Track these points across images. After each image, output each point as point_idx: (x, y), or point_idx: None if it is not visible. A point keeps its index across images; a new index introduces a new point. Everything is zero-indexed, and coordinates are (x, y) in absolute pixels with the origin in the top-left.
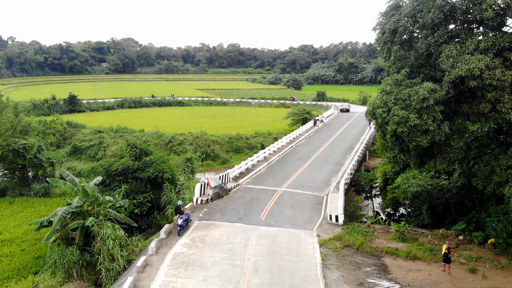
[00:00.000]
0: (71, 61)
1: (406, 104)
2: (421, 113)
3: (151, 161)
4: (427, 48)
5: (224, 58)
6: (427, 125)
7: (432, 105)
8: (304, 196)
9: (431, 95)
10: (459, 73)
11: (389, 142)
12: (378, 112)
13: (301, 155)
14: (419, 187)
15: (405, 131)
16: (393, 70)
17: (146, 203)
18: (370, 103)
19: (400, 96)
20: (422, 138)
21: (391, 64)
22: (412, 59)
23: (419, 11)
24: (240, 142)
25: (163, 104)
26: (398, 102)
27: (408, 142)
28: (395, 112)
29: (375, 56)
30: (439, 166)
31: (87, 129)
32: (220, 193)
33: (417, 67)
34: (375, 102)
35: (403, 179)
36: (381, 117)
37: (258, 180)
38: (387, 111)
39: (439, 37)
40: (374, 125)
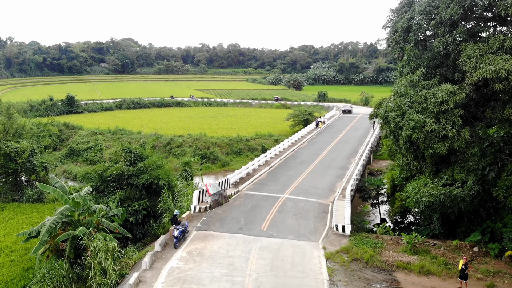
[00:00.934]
0: (70, 61)
1: (422, 108)
2: (438, 118)
3: (145, 166)
4: (445, 47)
5: (224, 58)
6: (446, 131)
7: (452, 108)
8: (308, 203)
9: (450, 98)
10: (483, 74)
11: (402, 148)
12: (391, 116)
13: (304, 158)
14: (432, 197)
15: (421, 137)
16: (407, 71)
17: (141, 211)
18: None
19: (416, 98)
20: (440, 145)
21: (404, 64)
22: (427, 59)
23: (435, 7)
24: (240, 144)
25: (162, 105)
26: (413, 105)
27: (424, 149)
28: (410, 116)
29: (376, 56)
30: (457, 175)
31: (84, 130)
32: (219, 200)
33: (432, 67)
34: (388, 105)
35: (414, 188)
36: (394, 121)
37: (259, 186)
38: (401, 114)
39: (458, 35)
40: (386, 130)
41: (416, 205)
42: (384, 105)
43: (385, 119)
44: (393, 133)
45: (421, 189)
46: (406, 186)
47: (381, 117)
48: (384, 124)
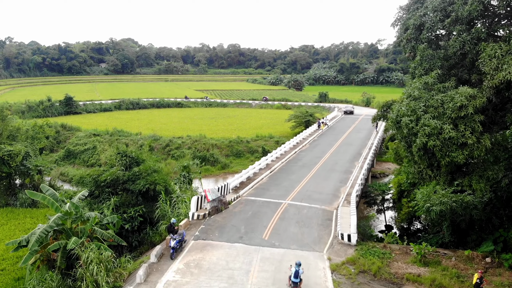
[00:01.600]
0: (69, 61)
1: (439, 113)
2: (456, 124)
3: (141, 171)
4: (461, 47)
5: (224, 59)
6: (465, 138)
7: (472, 114)
8: (311, 210)
9: (470, 103)
10: (506, 77)
11: (416, 156)
12: (404, 121)
13: (306, 162)
14: (443, 205)
15: (437, 145)
16: (420, 72)
17: (137, 218)
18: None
19: (432, 102)
20: (458, 154)
21: (416, 64)
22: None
23: (450, 3)
24: (240, 146)
25: (162, 105)
26: (429, 110)
27: (440, 157)
28: (425, 121)
29: (377, 57)
30: (476, 185)
31: (82, 132)
32: (218, 207)
33: (447, 68)
34: (400, 109)
35: (424, 196)
36: (407, 127)
37: (260, 191)
38: (415, 120)
39: (477, 34)
40: (397, 136)
41: (427, 214)
42: (396, 109)
43: (396, 124)
44: (404, 139)
45: (431, 196)
46: (415, 193)
47: (392, 122)
48: (395, 129)
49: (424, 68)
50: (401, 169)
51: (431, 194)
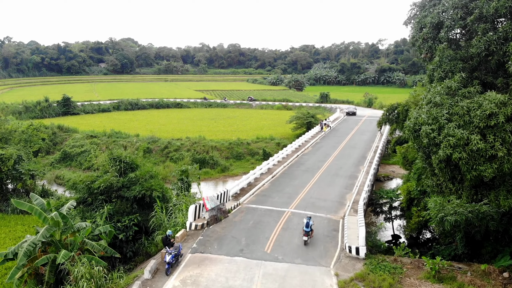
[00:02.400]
0: (68, 61)
1: (465, 121)
2: (484, 134)
3: (137, 177)
4: (487, 47)
5: (224, 59)
6: (494, 150)
7: (503, 122)
8: (316, 219)
9: (501, 110)
10: None
11: (436, 168)
12: (424, 130)
13: (309, 166)
14: (458, 216)
15: (463, 157)
16: (439, 75)
17: (132, 227)
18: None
19: (456, 110)
20: (486, 167)
21: (435, 66)
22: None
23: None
24: (240, 148)
25: (161, 106)
26: (453, 118)
27: (466, 171)
28: (450, 131)
29: (378, 57)
30: (504, 202)
31: (79, 133)
32: (217, 216)
33: (469, 71)
34: (419, 116)
35: (437, 205)
36: (428, 136)
37: (262, 198)
38: (437, 129)
39: (504, 33)
40: (415, 145)
41: (440, 224)
42: (414, 116)
43: (414, 132)
44: (423, 149)
45: (445, 205)
46: (427, 202)
47: (409, 130)
48: (412, 138)
49: (443, 70)
50: (410, 176)
51: (444, 203)
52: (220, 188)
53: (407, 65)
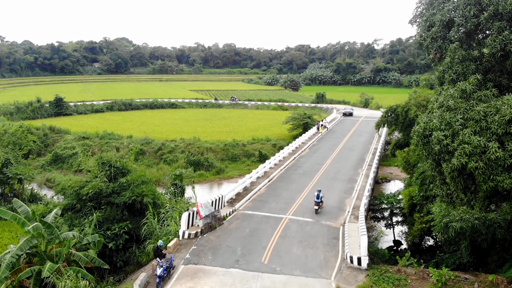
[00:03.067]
0: (62, 61)
1: (481, 127)
2: (502, 141)
3: (128, 182)
4: (503, 47)
5: (220, 58)
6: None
7: None
8: (315, 226)
9: None
10: None
11: (448, 177)
12: (436, 136)
13: (306, 169)
14: (464, 222)
15: (480, 167)
16: (450, 76)
17: (122, 235)
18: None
19: (472, 115)
20: (505, 177)
21: (446, 67)
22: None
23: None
24: (236, 150)
25: (155, 106)
26: (468, 123)
27: (481, 181)
28: (465, 138)
29: (374, 57)
30: None
31: (71, 135)
32: (212, 223)
33: (482, 72)
34: (430, 121)
35: (442, 211)
36: (440, 143)
37: (258, 204)
38: (450, 135)
39: None
40: (423, 152)
41: (445, 231)
42: (424, 121)
43: (423, 138)
44: (432, 156)
45: (450, 211)
46: (430, 207)
47: (418, 136)
48: (421, 145)
49: (455, 71)
50: (412, 180)
51: (449, 209)
52: (215, 191)
53: (403, 65)
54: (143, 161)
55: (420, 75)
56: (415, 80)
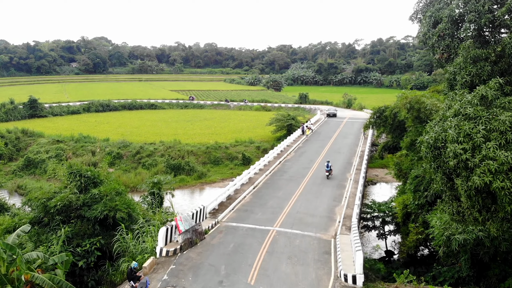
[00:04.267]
0: (38, 61)
1: (507, 140)
2: None
3: (100, 194)
4: None
5: (201, 58)
6: None
7: None
8: (304, 240)
9: None
10: None
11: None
12: (452, 149)
13: (293, 174)
14: (467, 235)
15: (506, 187)
16: (463, 79)
17: (94, 252)
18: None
19: (496, 125)
20: None
21: (457, 69)
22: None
23: None
24: (218, 152)
25: (134, 107)
26: (491, 135)
27: (507, 202)
28: (489, 153)
29: (355, 57)
30: None
31: (45, 138)
32: (192, 239)
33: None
34: (446, 132)
35: (443, 223)
36: (458, 158)
37: (243, 214)
38: (470, 149)
39: None
40: (432, 164)
41: (446, 244)
42: (435, 130)
43: (434, 150)
44: (442, 170)
45: (451, 223)
46: (428, 218)
47: (427, 147)
48: (431, 158)
49: (469, 73)
50: (406, 187)
51: (451, 221)
52: (196, 196)
53: (384, 65)
54: (120, 165)
55: (401, 75)
56: (396, 80)
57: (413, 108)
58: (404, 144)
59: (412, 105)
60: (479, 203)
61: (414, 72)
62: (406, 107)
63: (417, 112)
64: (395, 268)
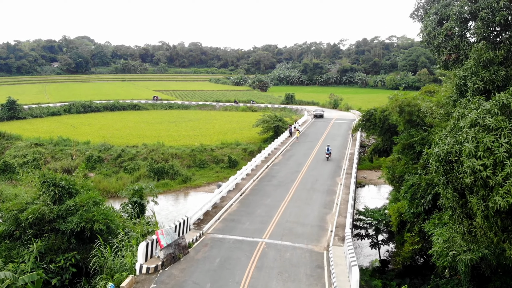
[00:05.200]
0: (18, 60)
1: None
2: None
3: (76, 205)
4: None
5: (186, 57)
6: None
7: None
8: (295, 252)
9: None
10: None
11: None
12: (471, 165)
13: (281, 179)
14: (474, 253)
15: None
16: (476, 85)
17: (69, 268)
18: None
19: None
20: None
21: (468, 73)
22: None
23: None
24: (204, 155)
25: (116, 108)
26: None
27: None
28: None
29: (340, 57)
30: None
31: (23, 141)
32: (175, 253)
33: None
34: (462, 145)
35: (447, 241)
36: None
37: (230, 224)
38: (491, 165)
39: None
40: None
41: (452, 264)
42: (447, 142)
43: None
44: (453, 185)
45: (455, 241)
46: (427, 229)
47: (437, 161)
48: (442, 173)
49: (481, 78)
50: (400, 194)
51: (455, 238)
52: (181, 201)
53: (368, 65)
54: (101, 169)
55: (386, 75)
56: (381, 80)
57: (404, 111)
58: (397, 148)
59: (402, 108)
60: (498, 224)
61: (399, 72)
62: (396, 110)
63: (409, 115)
64: (389, 279)
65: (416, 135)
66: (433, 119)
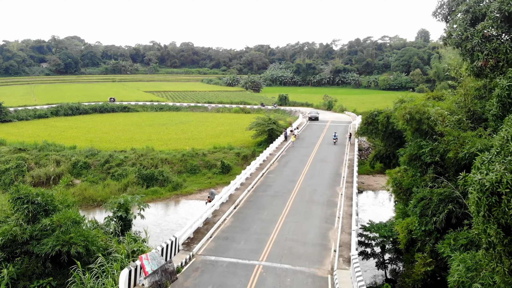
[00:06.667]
0: (6, 61)
1: None
2: None
3: (52, 225)
4: None
5: (177, 58)
6: None
7: None
8: (297, 278)
9: None
10: None
11: None
12: None
13: (277, 188)
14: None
15: None
16: None
17: None
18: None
19: None
20: None
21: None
22: None
23: None
24: (195, 160)
25: (105, 110)
26: None
27: None
28: None
29: (332, 57)
30: None
31: (6, 146)
32: (162, 281)
33: None
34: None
35: (468, 269)
36: None
37: (223, 244)
38: None
39: None
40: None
41: None
42: (494, 168)
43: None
44: (495, 219)
45: (479, 270)
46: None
47: (477, 190)
48: (485, 205)
49: None
50: (409, 209)
51: (479, 266)
52: (171, 210)
53: (361, 66)
54: (88, 176)
55: (379, 75)
56: (374, 80)
57: (413, 119)
58: (403, 159)
59: (412, 116)
60: None
61: (392, 73)
62: (405, 118)
63: (418, 123)
64: None
65: (425, 146)
66: (444, 127)
